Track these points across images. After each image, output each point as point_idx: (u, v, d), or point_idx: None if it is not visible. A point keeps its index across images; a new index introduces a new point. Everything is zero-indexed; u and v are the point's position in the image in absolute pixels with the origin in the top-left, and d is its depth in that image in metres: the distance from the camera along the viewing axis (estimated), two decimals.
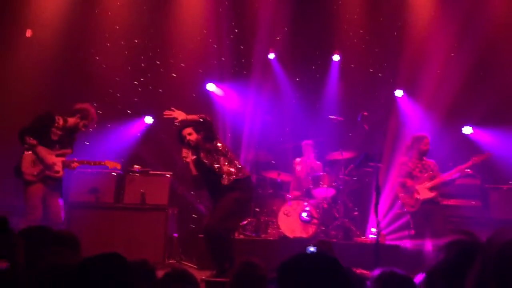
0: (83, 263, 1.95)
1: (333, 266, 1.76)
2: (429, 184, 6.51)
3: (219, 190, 5.39)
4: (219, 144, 5.50)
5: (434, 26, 8.77)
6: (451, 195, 7.14)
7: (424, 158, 6.68)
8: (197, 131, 5.48)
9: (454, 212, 7.11)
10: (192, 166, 5.47)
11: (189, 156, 5.45)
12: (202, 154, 5.47)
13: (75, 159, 5.90)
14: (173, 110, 5.43)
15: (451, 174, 6.48)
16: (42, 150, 5.63)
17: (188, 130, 5.49)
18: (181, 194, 7.77)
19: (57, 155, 5.75)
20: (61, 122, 5.80)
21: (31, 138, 5.52)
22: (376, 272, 2.38)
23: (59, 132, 5.77)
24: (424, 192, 6.49)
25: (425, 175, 6.56)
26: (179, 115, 5.39)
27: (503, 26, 8.48)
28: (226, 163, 5.45)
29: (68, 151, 5.85)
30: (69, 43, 8.44)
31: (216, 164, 5.42)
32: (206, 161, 5.45)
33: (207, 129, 5.43)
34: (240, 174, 5.45)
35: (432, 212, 6.44)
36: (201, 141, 5.47)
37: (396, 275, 2.34)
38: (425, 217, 6.43)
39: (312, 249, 3.89)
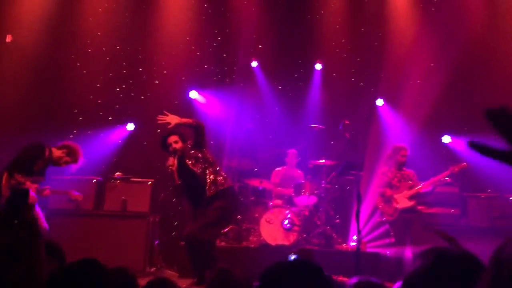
0: (61, 270, 1.92)
1: (315, 273, 1.77)
2: (408, 193, 6.58)
3: (203, 199, 5.35)
4: (207, 153, 5.47)
5: (414, 36, 8.91)
6: (430, 203, 7.21)
7: (404, 168, 6.76)
8: (183, 140, 5.42)
9: (433, 220, 7.18)
10: (176, 175, 5.41)
11: (175, 165, 5.39)
12: (189, 162, 5.40)
13: (48, 187, 5.83)
14: (166, 114, 5.36)
15: (430, 184, 6.56)
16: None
17: (174, 137, 5.40)
18: (162, 201, 7.72)
19: (32, 182, 5.58)
20: (47, 153, 5.62)
21: (20, 176, 5.27)
22: (353, 280, 2.40)
23: (41, 164, 5.61)
24: (403, 201, 6.55)
25: (404, 184, 6.63)
26: (173, 119, 5.31)
27: (482, 37, 8.64)
28: (213, 172, 5.41)
29: (41, 178, 5.70)
30: (50, 48, 8.36)
31: (203, 173, 5.37)
32: (193, 169, 5.37)
33: (199, 135, 5.37)
34: (225, 184, 5.42)
35: (411, 220, 6.51)
36: (188, 149, 5.42)
37: (372, 284, 2.35)
38: (404, 225, 6.50)
39: (293, 257, 3.90)
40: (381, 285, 2.38)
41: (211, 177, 5.36)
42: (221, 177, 5.40)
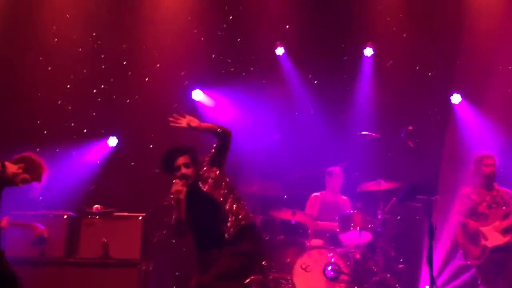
0: None
1: None
2: (501, 224, 6.48)
3: (218, 240, 5.30)
4: (226, 175, 5.43)
5: (504, 11, 8.83)
6: None
7: (496, 187, 6.64)
8: (195, 163, 5.35)
9: None
10: (183, 207, 5.36)
11: (183, 192, 5.33)
12: (205, 187, 5.41)
13: (6, 217, 5.89)
14: (182, 115, 5.33)
15: None
16: None
17: (185, 159, 5.34)
18: (158, 244, 7.74)
19: None
20: None
21: None
22: None
23: None
24: (494, 236, 6.47)
25: (496, 211, 6.53)
26: (192, 121, 5.29)
27: None
28: (234, 202, 5.37)
29: None
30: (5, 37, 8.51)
31: (224, 202, 5.33)
32: (213, 196, 5.28)
33: (223, 148, 5.36)
34: (246, 219, 5.36)
35: (506, 263, 6.42)
36: (202, 168, 5.39)
37: None
38: (497, 270, 6.43)
39: None
40: None
41: (234, 208, 5.32)
42: (243, 210, 5.36)
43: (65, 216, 7.28)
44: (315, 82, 9.31)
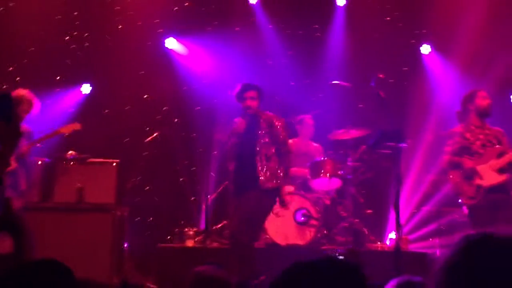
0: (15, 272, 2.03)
1: (353, 277, 1.75)
2: (497, 163, 6.18)
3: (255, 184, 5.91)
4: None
5: None
6: None
7: (488, 125, 6.38)
8: (261, 98, 6.14)
9: None
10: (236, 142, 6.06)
11: (242, 126, 6.06)
12: (261, 132, 6.06)
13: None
14: None
15: None
16: None
17: (253, 93, 6.10)
18: (132, 189, 7.75)
19: None
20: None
21: None
22: (390, 284, 2.42)
23: None
24: (490, 175, 6.16)
25: (491, 150, 6.25)
26: None
27: None
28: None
29: None
30: None
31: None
32: (266, 139, 6.06)
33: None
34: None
35: (502, 205, 6.16)
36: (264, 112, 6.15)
37: (414, 284, 2.37)
38: (491, 211, 6.12)
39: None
40: (424, 285, 2.40)
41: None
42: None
43: (40, 162, 7.25)
44: (288, 31, 9.24)
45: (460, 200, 6.39)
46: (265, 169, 5.98)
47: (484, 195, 6.15)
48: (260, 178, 5.94)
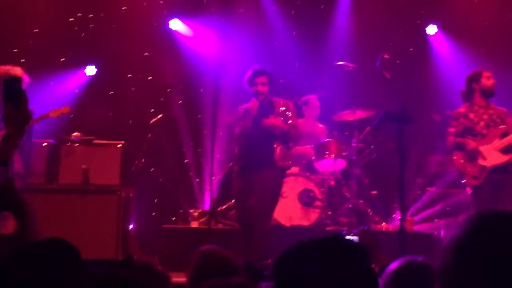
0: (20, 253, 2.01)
1: (354, 256, 1.74)
2: (500, 143, 6.15)
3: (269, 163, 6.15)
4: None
5: None
6: None
7: (492, 105, 6.35)
8: (271, 84, 6.34)
9: None
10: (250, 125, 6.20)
11: (254, 110, 6.24)
12: (273, 114, 6.27)
13: None
14: None
15: None
16: None
17: (263, 79, 6.29)
18: (137, 171, 7.76)
19: None
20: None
21: None
22: (393, 265, 2.44)
23: None
24: (493, 155, 6.12)
25: (494, 130, 6.22)
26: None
27: None
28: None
29: None
30: None
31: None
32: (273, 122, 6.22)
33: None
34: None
35: (506, 185, 6.15)
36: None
37: (418, 265, 2.38)
38: (494, 192, 6.11)
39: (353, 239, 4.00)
40: (428, 266, 2.42)
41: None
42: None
43: (45, 144, 7.25)
44: (292, 12, 9.22)
45: (464, 181, 6.38)
46: (278, 149, 6.21)
47: (487, 175, 6.12)
48: (275, 158, 6.17)
